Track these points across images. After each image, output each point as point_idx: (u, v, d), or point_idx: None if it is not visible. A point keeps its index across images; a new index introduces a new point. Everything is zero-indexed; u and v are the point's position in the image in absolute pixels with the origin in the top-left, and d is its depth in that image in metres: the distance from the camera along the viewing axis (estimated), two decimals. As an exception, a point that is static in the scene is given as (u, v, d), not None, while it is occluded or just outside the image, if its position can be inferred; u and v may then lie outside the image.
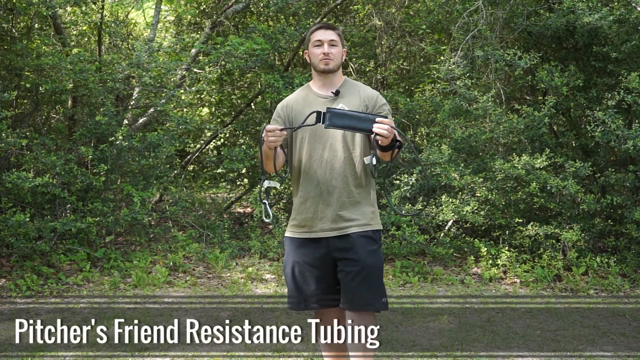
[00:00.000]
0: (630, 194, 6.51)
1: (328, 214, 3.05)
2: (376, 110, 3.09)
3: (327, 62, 3.07)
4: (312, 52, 3.11)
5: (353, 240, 3.03)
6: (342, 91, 3.11)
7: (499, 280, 6.20)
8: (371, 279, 3.03)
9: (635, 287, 6.01)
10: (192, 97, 8.86)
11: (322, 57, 3.07)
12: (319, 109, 3.04)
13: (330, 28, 3.13)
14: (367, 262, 3.02)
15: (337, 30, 3.15)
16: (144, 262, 6.15)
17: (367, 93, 3.14)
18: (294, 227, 3.15)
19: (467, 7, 6.71)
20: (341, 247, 3.04)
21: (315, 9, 8.37)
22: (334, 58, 3.07)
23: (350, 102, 3.08)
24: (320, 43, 3.08)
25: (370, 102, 3.10)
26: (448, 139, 6.77)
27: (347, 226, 3.04)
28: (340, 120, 2.87)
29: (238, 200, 9.02)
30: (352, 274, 3.01)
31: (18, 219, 5.52)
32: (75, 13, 7.78)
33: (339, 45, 3.11)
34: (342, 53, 3.13)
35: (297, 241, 3.12)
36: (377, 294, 3.05)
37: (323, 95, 3.12)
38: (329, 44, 3.07)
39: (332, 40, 3.08)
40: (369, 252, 3.03)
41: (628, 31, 6.31)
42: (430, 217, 6.36)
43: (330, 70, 3.09)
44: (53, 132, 7.33)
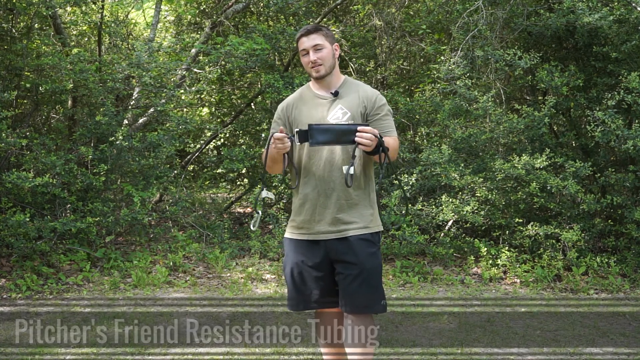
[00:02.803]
0: (630, 194, 6.51)
1: (326, 216, 3.04)
2: (375, 111, 3.07)
3: (317, 69, 3.04)
4: (302, 60, 3.09)
5: (351, 244, 3.02)
6: (341, 91, 3.09)
7: (499, 280, 6.20)
8: (369, 281, 3.02)
9: (635, 287, 6.01)
10: (192, 97, 8.86)
11: (311, 66, 3.04)
12: (318, 110, 3.04)
13: (311, 32, 3.05)
14: (365, 265, 3.01)
15: (321, 31, 3.07)
16: (144, 262, 6.15)
17: (367, 93, 3.11)
18: (293, 228, 3.14)
19: (467, 7, 6.71)
20: (339, 250, 3.03)
21: (315, 8, 8.37)
22: (323, 62, 3.03)
23: (349, 102, 3.07)
24: (305, 52, 3.05)
25: (369, 103, 3.08)
26: (448, 139, 6.77)
27: (346, 229, 3.03)
28: (323, 136, 2.84)
29: (238, 200, 9.02)
30: (350, 277, 3.00)
31: (18, 219, 5.52)
32: (75, 13, 7.78)
33: (327, 46, 3.05)
34: (332, 52, 3.07)
35: (295, 242, 3.12)
36: (375, 296, 3.05)
37: (322, 96, 3.10)
38: (313, 50, 3.02)
39: (317, 45, 3.02)
40: (367, 255, 3.01)
41: (628, 31, 6.31)
42: (430, 217, 6.36)
43: (323, 76, 3.06)
44: (53, 132, 7.33)
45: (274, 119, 3.24)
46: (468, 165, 6.51)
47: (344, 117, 3.03)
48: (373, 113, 3.07)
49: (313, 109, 3.08)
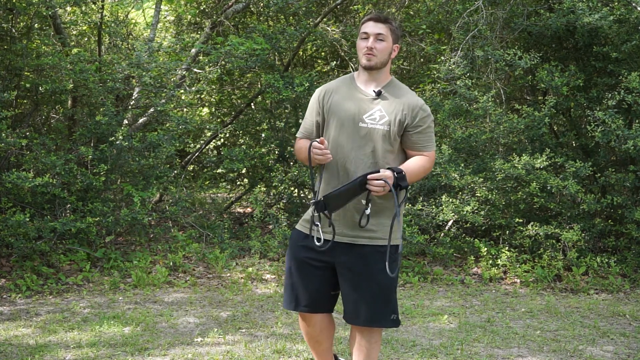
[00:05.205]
0: (630, 194, 6.51)
1: (344, 218, 2.90)
2: (416, 123, 2.91)
3: (369, 57, 2.89)
4: (358, 44, 2.94)
5: (365, 253, 2.88)
6: (384, 92, 2.93)
7: (499, 280, 6.20)
8: (378, 295, 2.89)
9: (635, 287, 6.01)
10: (192, 97, 8.85)
11: (365, 51, 2.89)
12: (357, 105, 2.91)
13: (381, 21, 2.91)
14: (377, 278, 2.88)
15: (390, 24, 2.92)
16: (144, 262, 6.15)
17: (411, 101, 2.93)
18: (305, 221, 3.00)
19: (467, 7, 6.71)
20: (349, 257, 2.90)
21: (315, 8, 8.37)
22: (377, 54, 2.88)
23: (390, 106, 2.91)
24: (366, 36, 2.90)
25: (411, 114, 2.90)
26: (448, 139, 6.77)
27: (362, 236, 2.89)
28: (339, 200, 2.78)
29: (238, 200, 9.02)
30: (357, 289, 2.88)
31: (18, 219, 5.52)
32: (75, 13, 7.77)
33: (388, 41, 2.90)
34: (390, 49, 2.93)
35: (303, 235, 2.98)
36: (384, 311, 2.92)
37: (364, 93, 2.95)
38: (375, 37, 2.87)
39: (380, 34, 2.88)
40: (381, 268, 2.85)
41: (628, 31, 6.31)
42: (430, 217, 6.36)
43: (372, 67, 2.91)
44: (53, 132, 7.32)
45: (309, 104, 3.09)
46: (468, 165, 6.51)
47: (380, 120, 2.89)
48: (414, 125, 2.91)
49: (351, 103, 2.93)
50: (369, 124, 2.90)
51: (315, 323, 3.10)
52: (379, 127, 2.89)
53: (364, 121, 2.90)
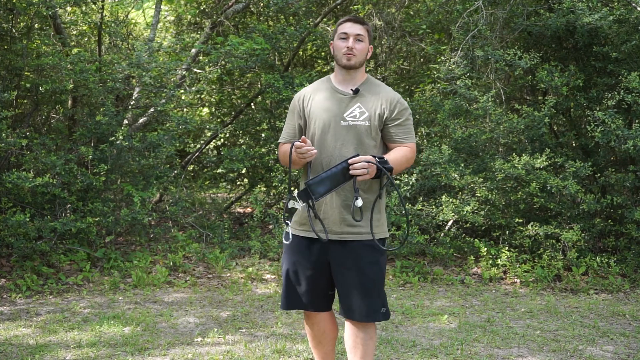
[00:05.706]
0: (630, 194, 6.51)
1: (332, 216, 2.98)
2: (395, 116, 3.01)
3: (349, 57, 2.98)
4: (336, 44, 3.02)
5: (353, 249, 2.97)
6: (361, 90, 3.03)
7: (499, 280, 6.20)
8: (370, 289, 2.97)
9: (635, 287, 6.01)
10: (192, 97, 8.86)
11: (345, 51, 2.98)
12: (336, 105, 2.99)
13: (359, 22, 3.03)
14: (366, 272, 2.96)
15: (367, 26, 3.05)
16: (144, 262, 6.15)
17: (388, 96, 3.04)
18: (296, 223, 3.09)
19: (467, 7, 6.71)
20: (340, 254, 2.98)
21: (315, 8, 8.37)
22: (357, 54, 2.98)
23: (368, 102, 3.01)
24: (345, 36, 2.99)
25: (389, 107, 3.01)
26: (448, 139, 6.77)
27: (350, 232, 2.98)
28: (323, 187, 2.82)
29: (238, 200, 9.02)
30: (350, 284, 2.96)
31: (18, 219, 5.52)
32: (75, 13, 7.77)
33: (366, 42, 3.01)
34: (367, 50, 3.04)
35: (296, 238, 3.07)
36: (376, 304, 3.00)
37: (342, 92, 3.03)
38: (354, 38, 2.98)
39: (359, 35, 2.99)
40: (369, 262, 2.97)
41: (628, 31, 6.31)
42: (430, 217, 6.36)
43: (352, 66, 3.00)
44: (53, 132, 7.32)
45: (289, 109, 3.19)
46: (468, 165, 6.51)
47: (361, 116, 2.98)
48: (393, 118, 3.01)
49: (331, 103, 3.01)
50: (350, 122, 2.99)
51: (317, 322, 3.18)
52: (360, 123, 2.98)
53: (345, 119, 2.99)
